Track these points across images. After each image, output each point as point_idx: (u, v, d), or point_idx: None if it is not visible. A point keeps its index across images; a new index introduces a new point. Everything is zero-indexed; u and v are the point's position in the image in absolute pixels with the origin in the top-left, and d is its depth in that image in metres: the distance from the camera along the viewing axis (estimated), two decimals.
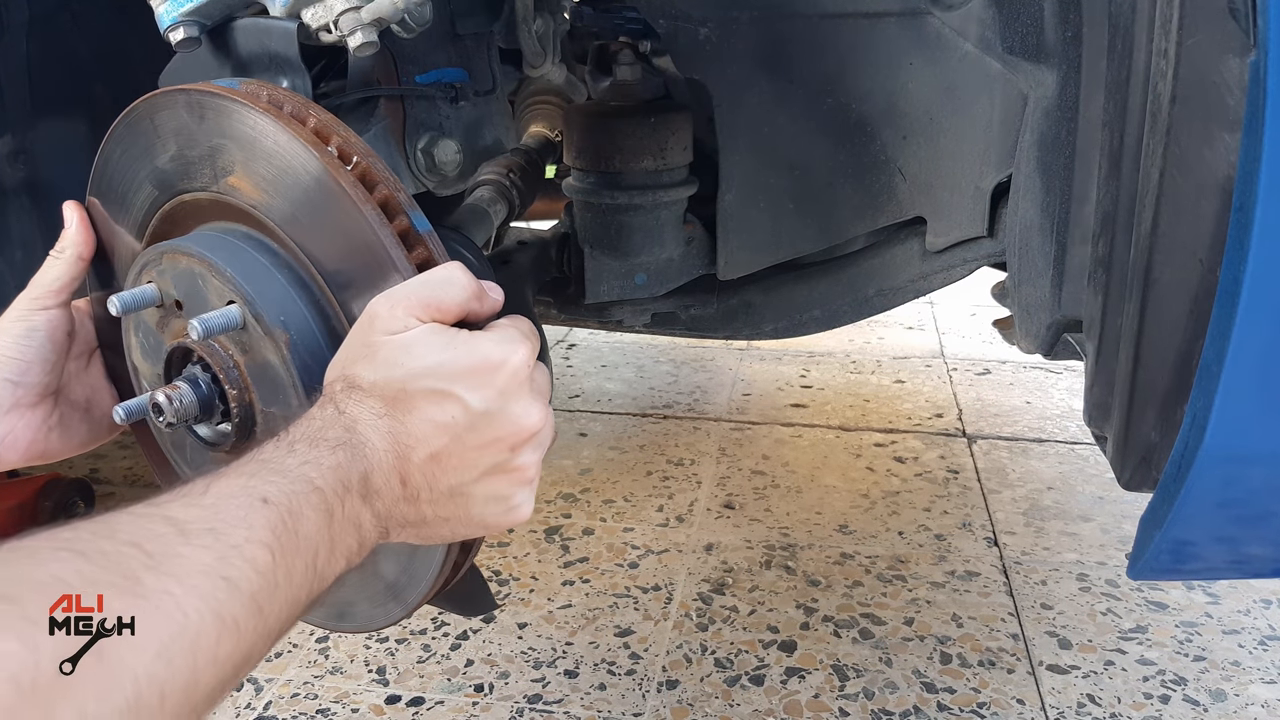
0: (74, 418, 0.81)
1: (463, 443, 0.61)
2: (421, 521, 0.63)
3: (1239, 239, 0.67)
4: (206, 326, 0.66)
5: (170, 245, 0.72)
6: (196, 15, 0.74)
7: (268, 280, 0.69)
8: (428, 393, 0.61)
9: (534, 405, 0.63)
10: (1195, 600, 1.84)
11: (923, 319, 3.47)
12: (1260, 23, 0.64)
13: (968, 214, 1.07)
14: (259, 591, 0.49)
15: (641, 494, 2.27)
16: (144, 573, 0.45)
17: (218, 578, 0.47)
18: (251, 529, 0.50)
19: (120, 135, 0.76)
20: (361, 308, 0.66)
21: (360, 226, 0.67)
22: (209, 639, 0.46)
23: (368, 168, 0.69)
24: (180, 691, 0.45)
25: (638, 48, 1.20)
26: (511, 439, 0.63)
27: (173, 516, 0.49)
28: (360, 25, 0.73)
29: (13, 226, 1.19)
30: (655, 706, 1.57)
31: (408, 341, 0.61)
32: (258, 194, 0.70)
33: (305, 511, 0.53)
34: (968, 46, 0.97)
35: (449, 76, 0.94)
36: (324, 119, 0.70)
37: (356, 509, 0.57)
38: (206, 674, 0.46)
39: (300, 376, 0.68)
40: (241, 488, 0.52)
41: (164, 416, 0.69)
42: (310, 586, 0.54)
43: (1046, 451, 2.45)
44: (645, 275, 1.18)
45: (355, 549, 0.58)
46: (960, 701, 1.58)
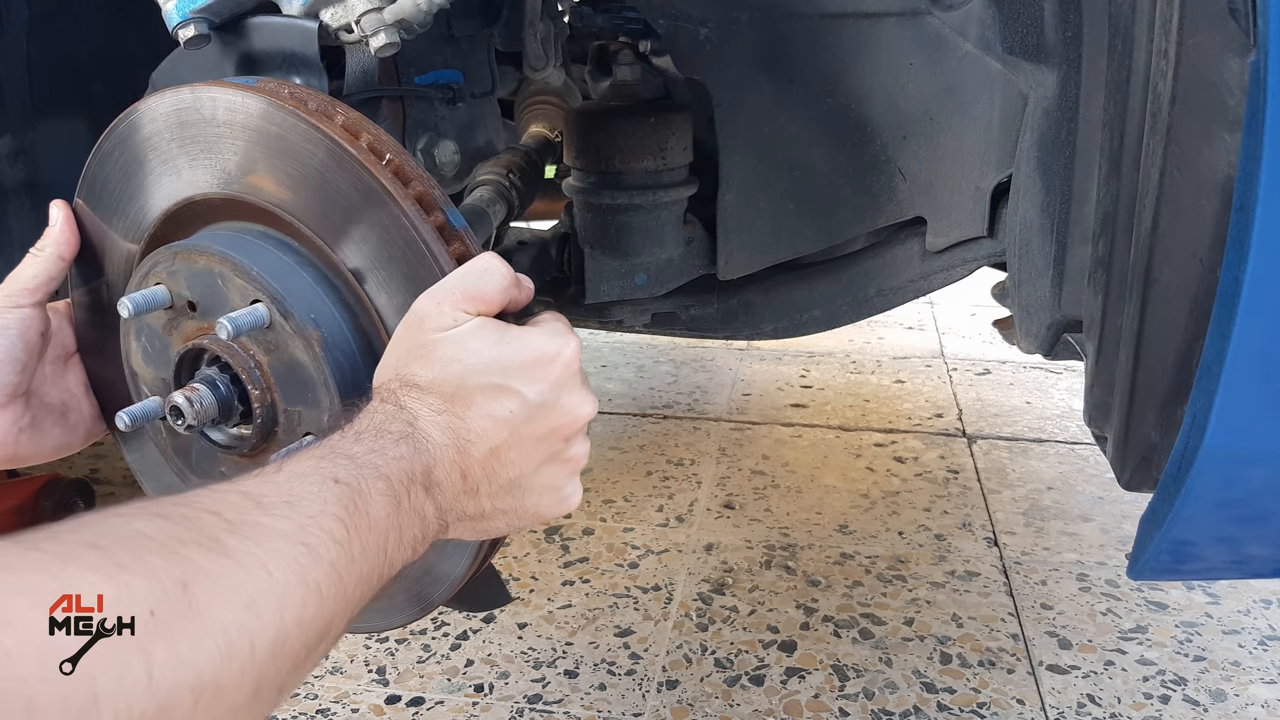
0: (47, 421, 0.80)
1: (521, 435, 0.63)
2: (480, 515, 0.64)
3: (1239, 239, 0.67)
4: (236, 325, 0.65)
5: (185, 245, 0.71)
6: (206, 13, 0.74)
7: (294, 278, 0.69)
8: (486, 388, 0.62)
9: (586, 395, 0.65)
10: (1195, 600, 1.84)
11: (923, 319, 3.47)
12: (1260, 23, 0.64)
13: (968, 214, 1.07)
14: (337, 560, 0.50)
15: (641, 494, 2.27)
16: (225, 535, 0.46)
17: (297, 543, 0.48)
18: (325, 503, 0.51)
19: (123, 135, 0.75)
20: (397, 303, 0.66)
21: (400, 222, 0.66)
22: (294, 599, 0.47)
23: (402, 164, 0.68)
24: (269, 646, 0.45)
25: (638, 48, 1.20)
26: (566, 429, 0.65)
27: (248, 491, 0.50)
28: (383, 26, 0.73)
29: (13, 226, 1.19)
30: (655, 706, 1.57)
31: (461, 337, 0.62)
32: (282, 192, 0.69)
33: (374, 496, 0.54)
34: (968, 46, 0.97)
35: (446, 78, 0.95)
36: (352, 116, 0.69)
37: (421, 501, 0.58)
38: (293, 634, 0.47)
39: (333, 374, 0.68)
40: (313, 468, 0.54)
41: (184, 420, 0.68)
42: (381, 569, 0.54)
43: (1046, 451, 2.45)
44: (645, 275, 1.18)
45: (420, 539, 0.59)
46: (960, 701, 1.58)
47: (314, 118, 0.67)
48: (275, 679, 0.46)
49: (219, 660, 0.43)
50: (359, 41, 0.75)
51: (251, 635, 0.44)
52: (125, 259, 0.78)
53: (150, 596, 0.42)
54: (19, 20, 1.13)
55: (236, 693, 0.44)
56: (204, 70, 0.78)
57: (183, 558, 0.44)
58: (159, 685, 0.40)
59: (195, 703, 0.42)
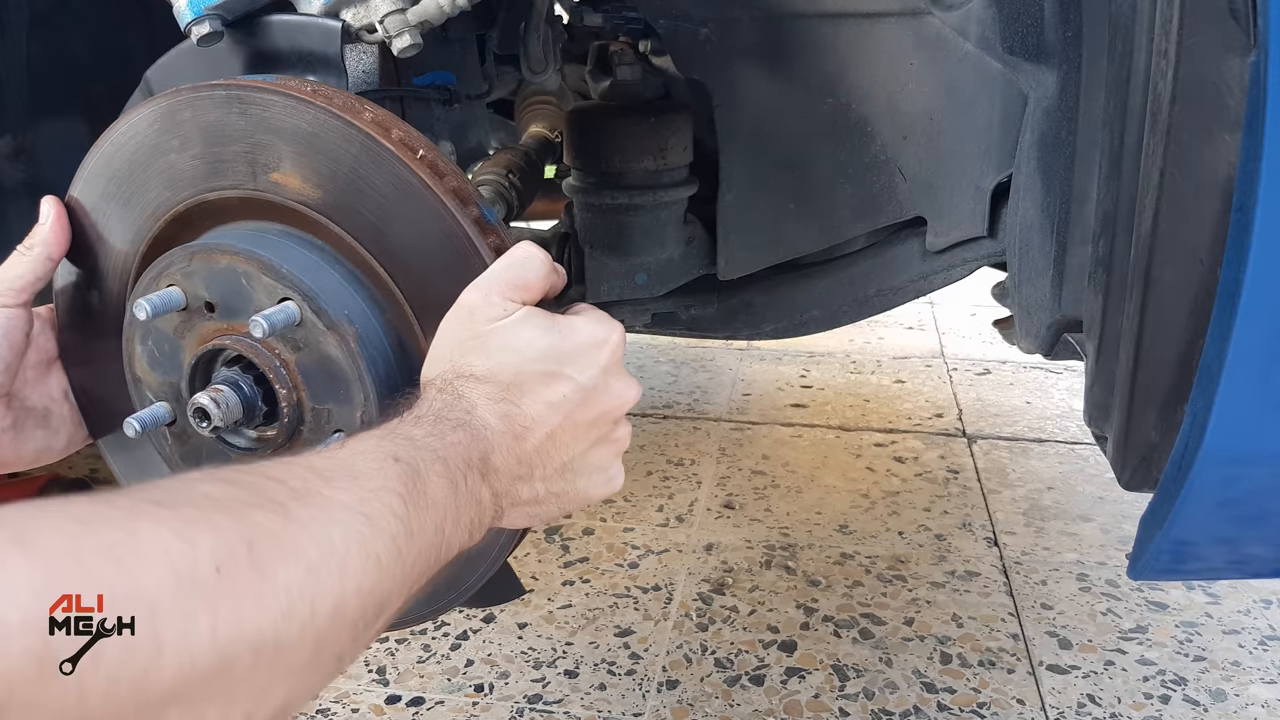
0: (29, 425, 0.79)
1: (573, 420, 0.65)
2: (534, 500, 0.65)
3: (1239, 239, 0.67)
4: (271, 322, 0.65)
5: (204, 245, 0.70)
6: (220, 10, 0.73)
7: (324, 275, 0.68)
8: (540, 375, 0.64)
9: (630, 379, 0.68)
10: (1195, 600, 1.84)
11: (923, 319, 3.47)
12: (1260, 23, 0.64)
13: (968, 214, 1.07)
14: (397, 534, 0.51)
15: (641, 494, 2.27)
16: (290, 501, 0.47)
17: (358, 514, 0.49)
18: (386, 479, 0.52)
19: (128, 132, 0.73)
20: (434, 296, 0.67)
21: (440, 216, 0.66)
22: (355, 567, 0.48)
23: (435, 158, 0.68)
24: (329, 611, 0.46)
25: (638, 48, 1.20)
26: (615, 412, 0.67)
27: (311, 464, 0.52)
28: (407, 27, 0.73)
29: (13, 226, 1.19)
30: (655, 706, 1.57)
31: (512, 327, 0.64)
32: (310, 189, 0.68)
33: (432, 478, 0.55)
34: (968, 46, 0.97)
35: (440, 79, 0.95)
36: (380, 113, 0.69)
37: (477, 486, 0.59)
38: (353, 602, 0.48)
39: (369, 369, 0.68)
40: (374, 446, 0.55)
41: (209, 422, 0.67)
42: (439, 550, 0.55)
43: (1046, 451, 2.45)
44: (646, 275, 1.18)
45: (476, 523, 0.60)
46: (960, 701, 1.58)
47: (346, 114, 0.66)
48: (334, 645, 0.47)
49: (280, 619, 0.44)
50: (382, 42, 0.75)
51: (312, 598, 0.45)
52: (122, 261, 0.77)
53: (216, 553, 0.42)
54: (19, 20, 1.13)
55: (296, 653, 0.45)
56: (209, 67, 0.77)
57: (248, 519, 0.45)
58: (221, 639, 0.41)
59: (256, 660, 0.42)
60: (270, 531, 0.45)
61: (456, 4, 0.74)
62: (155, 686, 0.39)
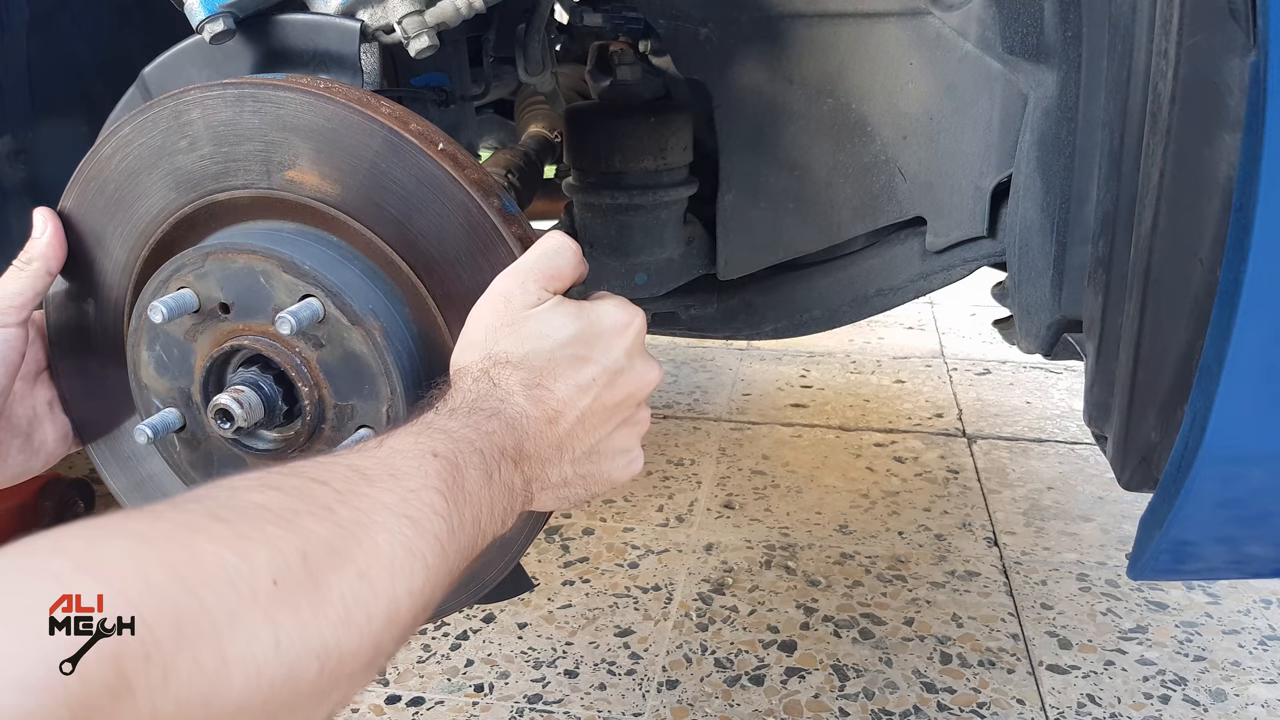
0: (12, 445, 0.76)
1: (601, 401, 0.66)
2: (563, 482, 0.66)
3: (1239, 239, 0.67)
4: (298, 319, 0.65)
5: (219, 245, 0.69)
6: (232, 8, 0.72)
7: (345, 271, 0.68)
8: (571, 359, 0.65)
9: (653, 361, 0.70)
10: (1195, 600, 1.84)
11: (923, 319, 3.47)
12: (1260, 23, 0.64)
13: (968, 214, 1.07)
14: (440, 533, 0.52)
15: (641, 494, 2.27)
16: (336, 505, 0.48)
17: (402, 516, 0.50)
18: (426, 477, 0.53)
19: (129, 136, 0.71)
20: (458, 287, 0.68)
21: (465, 207, 0.67)
22: (403, 569, 0.49)
23: (455, 151, 0.68)
24: (384, 615, 0.47)
25: (637, 48, 1.20)
26: (639, 394, 0.69)
27: (353, 464, 0.52)
28: (425, 29, 0.74)
29: (13, 226, 1.18)
30: (655, 706, 1.57)
31: (546, 313, 0.65)
32: (329, 185, 0.68)
33: (469, 470, 0.56)
34: (968, 46, 0.97)
35: (434, 80, 0.95)
36: (397, 108, 0.68)
37: (510, 473, 0.60)
38: (405, 604, 0.49)
39: (395, 363, 0.68)
40: (412, 443, 0.55)
41: (232, 423, 0.67)
42: (475, 542, 0.56)
43: (1046, 451, 2.45)
44: (646, 275, 1.18)
45: (508, 510, 0.60)
46: (960, 701, 1.58)
47: (366, 108, 0.66)
48: (389, 647, 0.48)
49: (340, 627, 0.45)
50: (399, 43, 0.75)
51: (367, 604, 0.46)
52: (122, 267, 0.75)
53: (273, 566, 0.43)
54: (19, 20, 1.13)
55: (356, 659, 0.46)
56: (209, 67, 0.76)
57: (299, 528, 0.46)
58: (286, 650, 0.42)
59: (321, 669, 0.43)
60: (320, 538, 0.46)
61: (474, 6, 0.74)
62: (224, 701, 0.40)
